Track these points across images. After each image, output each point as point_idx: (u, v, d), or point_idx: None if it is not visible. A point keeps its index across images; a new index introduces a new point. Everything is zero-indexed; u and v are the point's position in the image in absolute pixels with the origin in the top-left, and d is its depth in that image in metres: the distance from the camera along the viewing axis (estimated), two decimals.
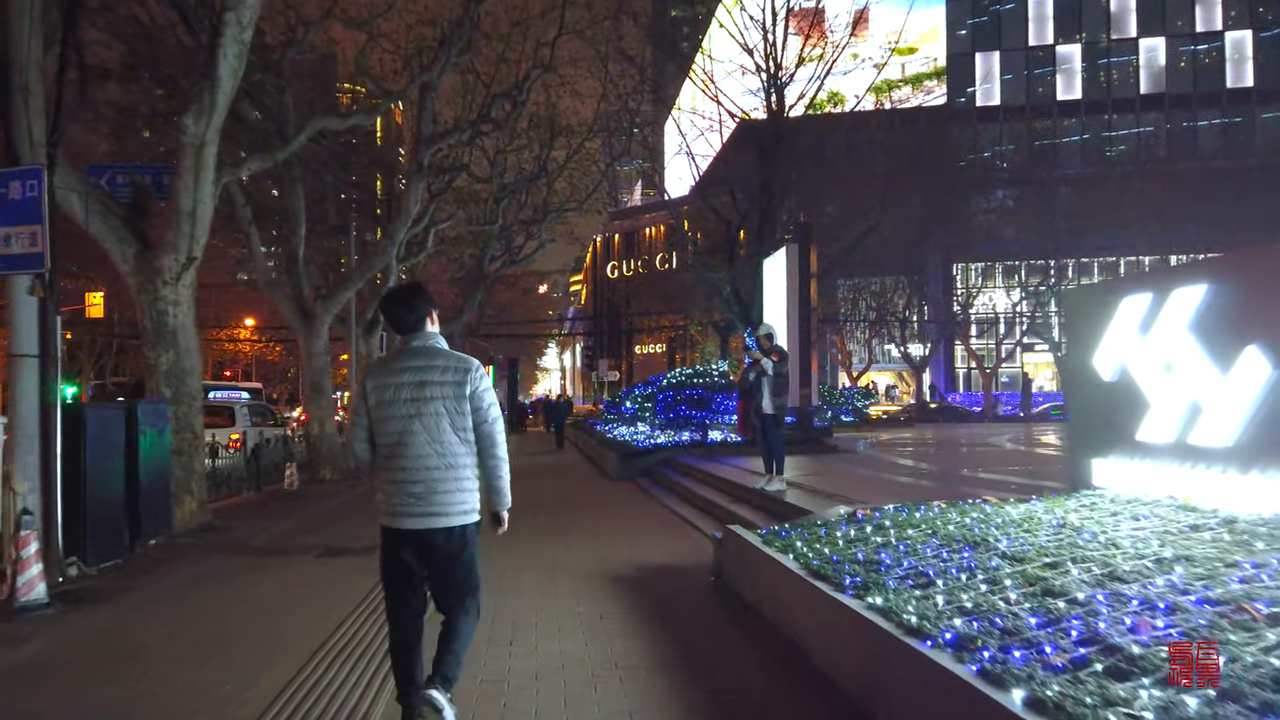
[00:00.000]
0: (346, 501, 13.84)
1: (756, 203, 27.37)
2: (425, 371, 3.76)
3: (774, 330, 9.93)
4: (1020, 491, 8.61)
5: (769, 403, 9.57)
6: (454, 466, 3.75)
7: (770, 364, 9.55)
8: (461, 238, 29.42)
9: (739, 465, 13.41)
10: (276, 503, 13.79)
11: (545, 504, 12.73)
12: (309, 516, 12.01)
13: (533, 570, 7.77)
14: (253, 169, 11.66)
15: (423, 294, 3.97)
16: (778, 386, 9.61)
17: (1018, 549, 4.88)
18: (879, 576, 4.77)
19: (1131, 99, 53.30)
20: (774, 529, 6.84)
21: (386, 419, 3.75)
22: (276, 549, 9.41)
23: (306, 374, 17.45)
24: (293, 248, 17.67)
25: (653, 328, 52.51)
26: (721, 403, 16.97)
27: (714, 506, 10.63)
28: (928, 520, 6.08)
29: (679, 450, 16.41)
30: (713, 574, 7.40)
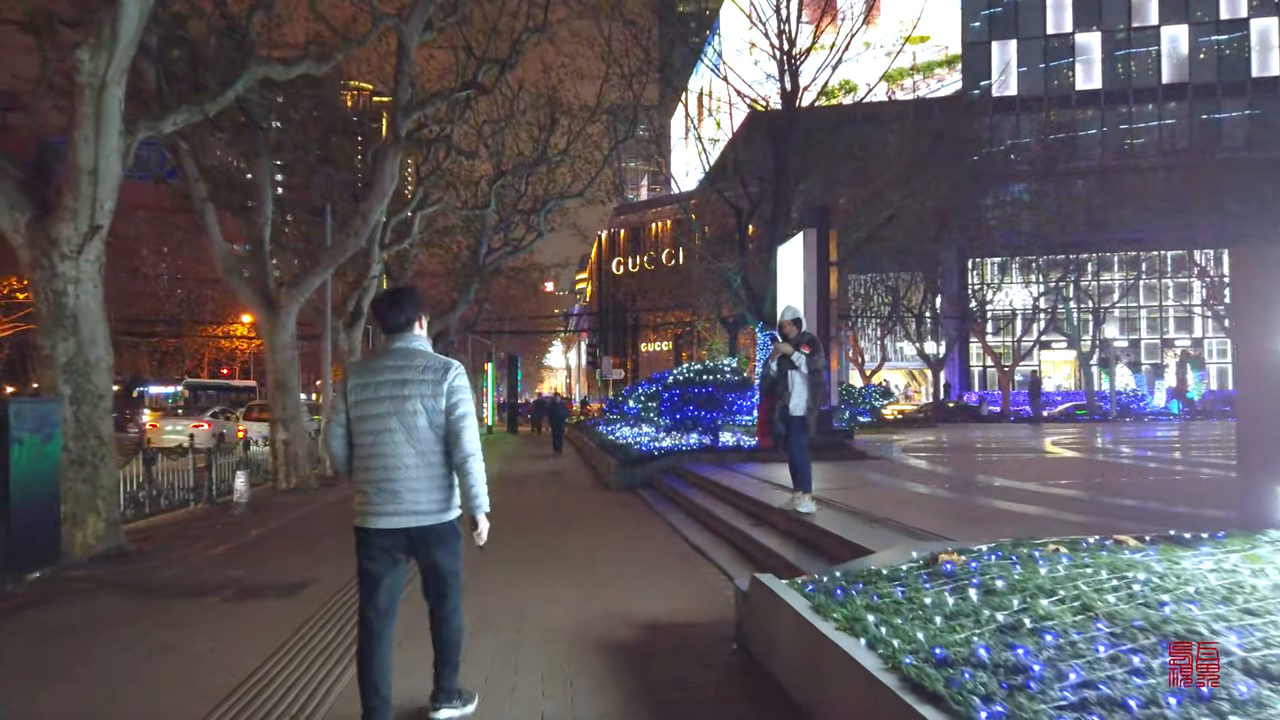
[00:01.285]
0: (301, 520, 11.83)
1: (769, 187, 25.32)
2: (405, 371, 3.80)
3: (801, 315, 7.89)
4: (1145, 521, 6.56)
5: (800, 403, 7.53)
6: (431, 465, 3.77)
7: (801, 356, 7.52)
8: (454, 226, 27.43)
9: (756, 475, 11.36)
10: (223, 519, 11.80)
11: (529, 523, 10.70)
12: (249, 540, 10.01)
13: (492, 628, 5.74)
14: (178, 123, 9.65)
15: (413, 297, 4.00)
16: (812, 385, 7.59)
17: (1266, 652, 2.85)
18: (1033, 705, 2.75)
19: (1153, 89, 51.10)
20: (821, 580, 4.78)
21: (366, 418, 3.78)
22: (182, 587, 7.40)
23: (269, 369, 15.48)
24: (258, 230, 15.67)
25: (659, 324, 50.39)
26: (734, 402, 14.95)
27: (730, 530, 8.59)
28: (1061, 580, 4.04)
29: (686, 456, 14.39)
30: (735, 640, 5.37)
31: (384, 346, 3.93)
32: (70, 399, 8.71)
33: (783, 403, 7.55)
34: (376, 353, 4.02)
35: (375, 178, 15.55)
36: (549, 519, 11.08)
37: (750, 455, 14.18)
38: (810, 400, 7.57)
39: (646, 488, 14.03)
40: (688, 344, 55.73)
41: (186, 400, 36.28)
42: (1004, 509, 7.81)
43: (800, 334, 7.71)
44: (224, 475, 14.14)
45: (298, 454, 15.51)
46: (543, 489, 14.75)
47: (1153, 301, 50.63)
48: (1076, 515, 7.20)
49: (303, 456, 15.67)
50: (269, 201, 15.72)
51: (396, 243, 20.96)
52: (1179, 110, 50.56)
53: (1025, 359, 45.27)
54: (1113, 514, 7.19)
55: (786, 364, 7.58)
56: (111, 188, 8.74)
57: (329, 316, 18.17)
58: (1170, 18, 50.95)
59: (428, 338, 4.04)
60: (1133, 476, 10.89)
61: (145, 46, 11.76)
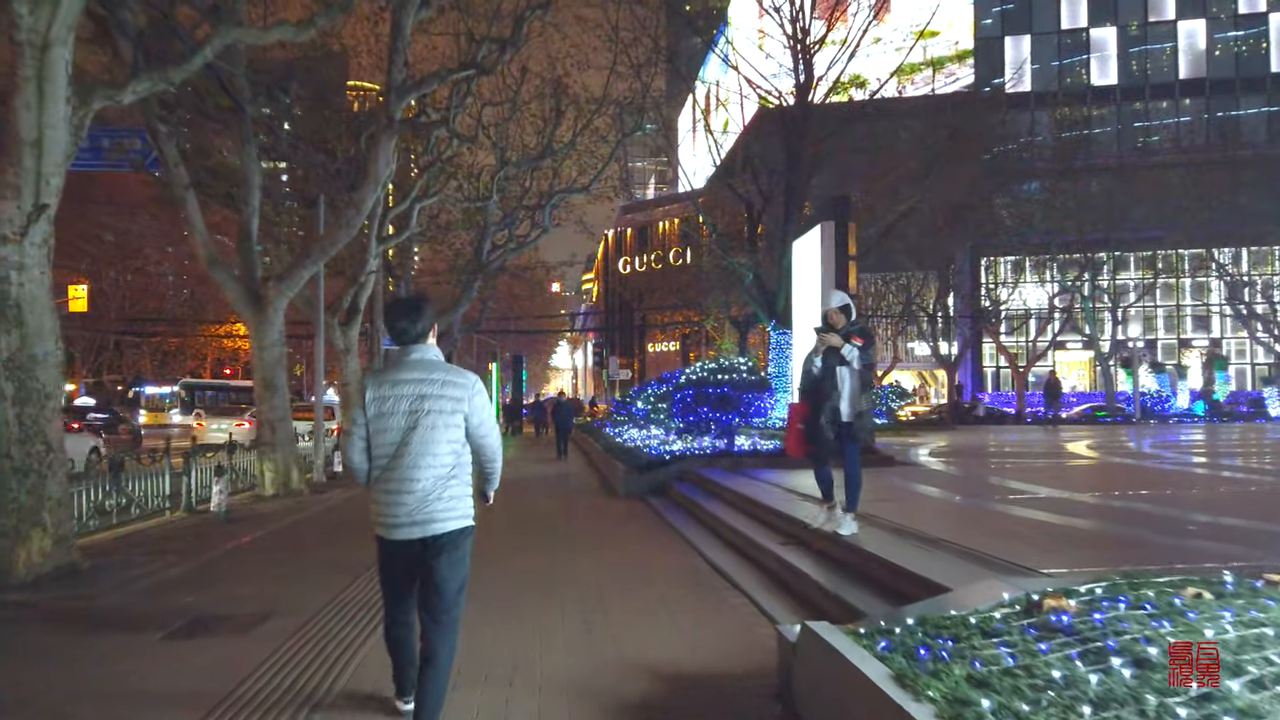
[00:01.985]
0: (283, 531, 10.78)
1: (782, 178, 24.25)
2: (425, 384, 3.80)
3: (850, 302, 6.82)
4: (1260, 545, 5.49)
5: (850, 406, 6.48)
6: (446, 477, 3.79)
7: (854, 350, 6.46)
8: (455, 222, 26.42)
9: (779, 484, 10.29)
10: (196, 531, 10.76)
11: (530, 538, 9.64)
12: (219, 554, 8.96)
13: (480, 682, 4.68)
14: (140, 92, 8.60)
15: (428, 306, 4.00)
16: (864, 383, 6.54)
17: None
18: None
19: (1170, 85, 49.87)
20: (895, 633, 3.71)
21: (384, 430, 3.79)
22: (126, 616, 6.36)
23: (256, 368, 14.45)
24: (245, 220, 14.65)
25: (666, 323, 49.28)
26: (751, 402, 13.88)
27: (757, 550, 7.52)
28: (1237, 646, 2.98)
29: (701, 461, 13.32)
30: (778, 697, 4.31)
31: (400, 357, 3.90)
32: (13, 399, 7.68)
33: (832, 405, 6.48)
34: (394, 363, 3.93)
35: (368, 165, 14.52)
36: (551, 532, 10.02)
37: (770, 460, 13.11)
38: (862, 402, 6.52)
39: (657, 495, 12.97)
40: (696, 344, 54.64)
41: (183, 401, 35.33)
42: (1079, 528, 6.71)
43: (850, 324, 6.64)
44: (207, 480, 13.12)
45: (286, 458, 14.48)
46: (546, 496, 13.69)
47: (1170, 301, 49.32)
48: (1169, 537, 6.11)
49: (292, 461, 14.64)
50: (256, 190, 14.68)
51: (395, 236, 19.93)
52: (1196, 106, 49.32)
53: (1040, 359, 44.08)
54: (1214, 535, 6.11)
55: (834, 359, 6.51)
56: (58, 162, 7.71)
57: (321, 313, 17.13)
58: (1187, 12, 49.74)
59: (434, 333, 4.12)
60: (1205, 489, 9.78)
61: (123, 24, 10.81)
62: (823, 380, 6.50)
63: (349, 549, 9.08)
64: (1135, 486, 9.85)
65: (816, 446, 6.58)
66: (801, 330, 21.61)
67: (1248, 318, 41.02)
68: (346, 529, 10.84)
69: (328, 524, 11.34)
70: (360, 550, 8.95)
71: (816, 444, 6.56)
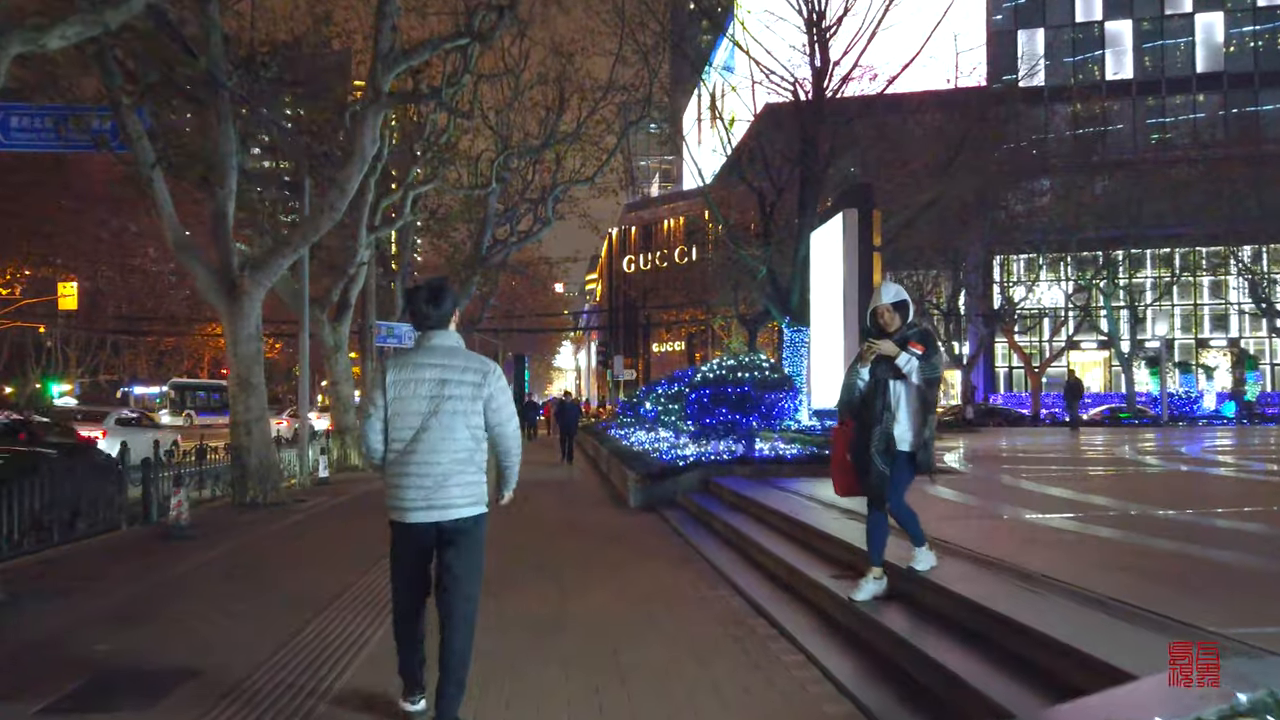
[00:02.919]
0: (247, 548, 9.40)
1: (797, 167, 22.87)
2: (447, 370, 3.80)
3: (907, 298, 5.35)
4: None
5: (909, 431, 5.04)
6: (463, 462, 3.79)
7: (912, 360, 4.96)
8: (454, 213, 25.06)
9: (814, 497, 8.91)
10: (147, 549, 9.40)
11: (528, 556, 8.25)
12: (155, 585, 7.57)
13: None
14: (70, 37, 7.25)
15: (450, 291, 4.00)
16: (927, 403, 5.07)
17: None
18: None
19: (1187, 78, 48.42)
20: None
21: (404, 414, 3.78)
22: (11, 672, 5.00)
23: (230, 364, 13.09)
24: (220, 203, 13.28)
25: (672, 322, 47.86)
26: (775, 403, 12.49)
27: (804, 583, 6.12)
28: None
29: (718, 468, 11.92)
30: None
31: (422, 341, 3.90)
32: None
33: (884, 430, 5.02)
34: (415, 347, 3.94)
35: (354, 142, 13.16)
36: (554, 552, 8.63)
37: (795, 468, 11.72)
38: (925, 426, 5.09)
39: (671, 506, 11.59)
40: (701, 344, 53.25)
41: (172, 401, 33.97)
42: (1216, 561, 5.29)
43: (908, 326, 5.19)
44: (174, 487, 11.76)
45: (264, 463, 13.11)
46: (549, 506, 12.29)
47: (1187, 300, 47.78)
48: None
49: (271, 466, 13.28)
50: (232, 171, 13.32)
51: (387, 225, 18.56)
52: (1214, 101, 47.86)
53: (1056, 359, 42.66)
54: None
55: (886, 371, 5.04)
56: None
57: (305, 306, 15.77)
58: (1205, 4, 48.31)
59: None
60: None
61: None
62: (872, 398, 5.06)
63: (321, 570, 7.74)
64: (1227, 502, 8.46)
65: (870, 484, 5.08)
66: (821, 327, 20.23)
67: (1270, 316, 39.56)
68: (324, 546, 9.49)
69: (304, 539, 9.98)
70: (335, 572, 7.61)
71: (869, 480, 5.09)
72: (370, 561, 8.03)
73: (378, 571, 7.62)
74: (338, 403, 18.78)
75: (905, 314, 5.18)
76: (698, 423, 12.91)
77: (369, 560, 8.12)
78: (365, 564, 7.93)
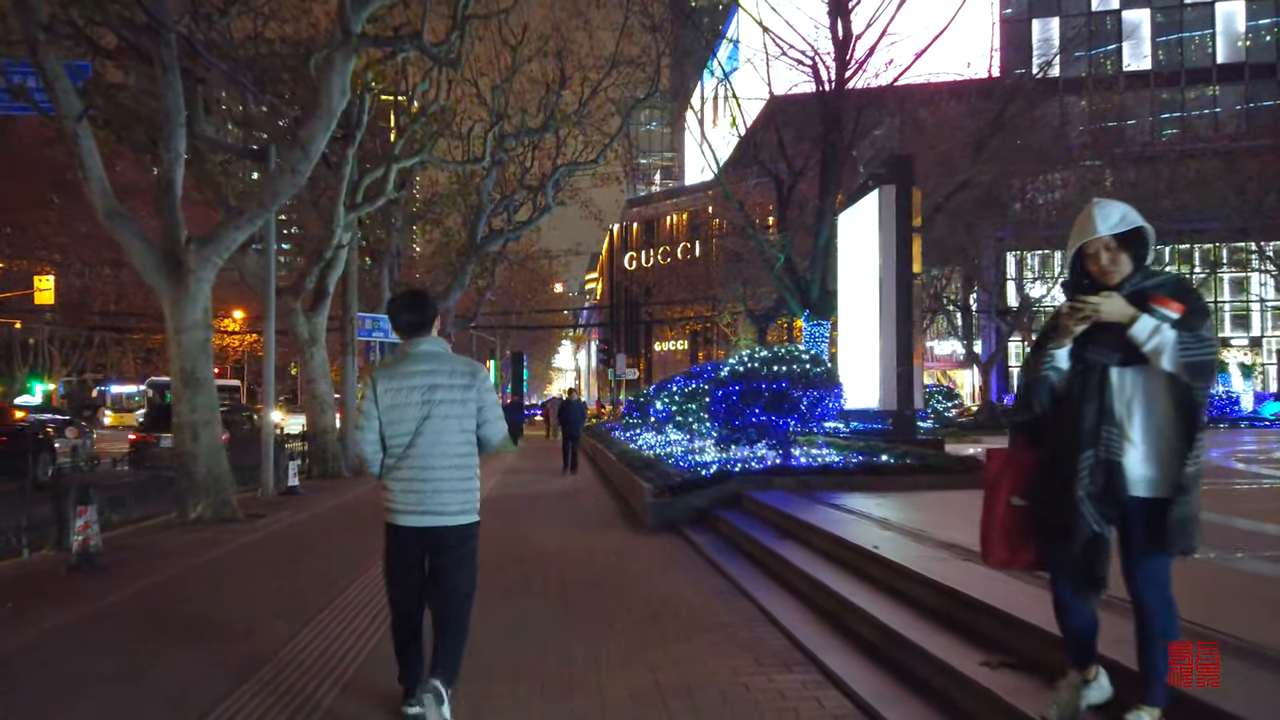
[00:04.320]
0: (156, 594, 7.27)
1: (821, 144, 20.80)
2: (435, 375, 3.82)
3: (1142, 222, 3.18)
4: None
5: (1161, 461, 2.87)
6: (459, 467, 3.81)
7: (1163, 331, 2.80)
8: (445, 194, 22.95)
9: (885, 521, 6.82)
10: (41, 586, 7.29)
11: (522, 612, 6.12)
12: (21, 645, 5.49)
13: None
14: None
15: (430, 299, 4.06)
16: (1191, 409, 2.83)
17: None
18: None
19: (1207, 69, 46.37)
20: None
21: (398, 421, 3.80)
22: None
23: (173, 356, 10.97)
24: (165, 169, 11.15)
25: (677, 319, 45.65)
26: (816, 402, 10.38)
27: (931, 665, 4.02)
28: None
29: (752, 480, 9.78)
30: None
31: (409, 349, 3.93)
32: None
33: (1102, 457, 2.88)
34: (400, 355, 3.96)
35: (319, 94, 11.06)
36: (557, 603, 6.43)
37: (845, 480, 9.59)
38: (1190, 454, 2.85)
39: (698, 525, 9.48)
40: (706, 342, 51.14)
41: (150, 401, 31.82)
42: None
43: (1144, 273, 3.09)
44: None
45: (213, 473, 10.99)
46: (549, 528, 10.12)
47: (1208, 298, 45.58)
48: None
49: (222, 476, 11.15)
50: (180, 131, 11.18)
51: (368, 204, 16.44)
52: (1236, 92, 45.82)
53: None
54: None
55: (1106, 352, 2.93)
56: None
57: (271, 291, 13.63)
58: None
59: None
60: None
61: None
62: (1077, 401, 2.96)
63: (256, 622, 5.67)
64: None
65: (1072, 554, 2.95)
66: (850, 318, 18.12)
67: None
68: (269, 579, 7.37)
69: (246, 572, 7.86)
70: (274, 625, 5.54)
71: (1070, 548, 2.96)
72: (323, 601, 5.98)
73: (335, 622, 5.58)
74: (314, 402, 16.66)
75: (1141, 252, 3.05)
76: (726, 425, 10.78)
77: (320, 602, 6.06)
78: (316, 610, 5.89)
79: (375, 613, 5.86)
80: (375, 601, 6.15)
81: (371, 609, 6.01)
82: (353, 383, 18.40)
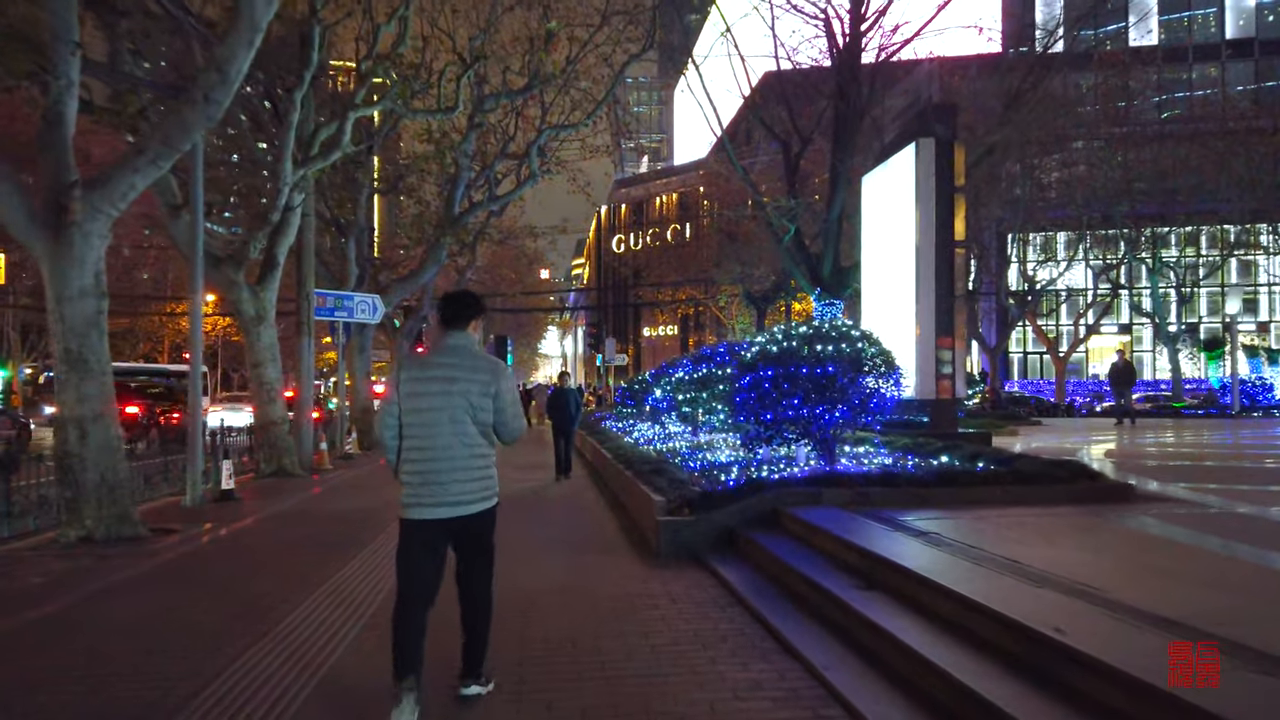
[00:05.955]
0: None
1: (836, 100, 18.45)
2: (456, 369, 3.83)
3: None
4: None
5: None
6: (475, 457, 3.81)
7: None
8: (419, 158, 20.49)
9: (1020, 566, 4.46)
10: None
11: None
12: None
13: None
14: None
15: (469, 299, 4.07)
16: None
17: None
18: None
19: (1215, 45, 44.25)
20: None
21: (416, 410, 3.79)
22: None
23: (54, 332, 8.53)
24: (52, 99, 8.72)
25: (669, 302, 43.21)
26: (869, 391, 8.06)
27: None
28: None
29: (793, 493, 7.39)
30: None
31: (439, 342, 3.96)
32: None
33: None
34: (432, 348, 4.02)
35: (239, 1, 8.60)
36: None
37: (916, 492, 7.26)
38: None
39: (726, 554, 7.13)
40: (698, 327, 48.81)
41: None
42: None
43: None
44: None
45: (105, 480, 8.57)
46: (531, 555, 7.71)
47: (1214, 282, 43.55)
48: None
49: (119, 486, 8.72)
50: (70, 54, 8.76)
51: (321, 158, 13.95)
52: (1245, 69, 43.73)
53: (1084, 341, 38.48)
54: None
55: None
56: None
57: (198, 256, 11.15)
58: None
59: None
60: None
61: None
62: None
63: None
64: None
65: None
66: (877, 292, 15.71)
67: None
68: (108, 652, 4.93)
69: (91, 636, 5.46)
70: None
71: None
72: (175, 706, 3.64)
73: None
74: (261, 389, 14.19)
75: None
76: (755, 419, 8.42)
77: (192, 686, 3.71)
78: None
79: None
80: (264, 694, 3.80)
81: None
82: (308, 367, 15.97)
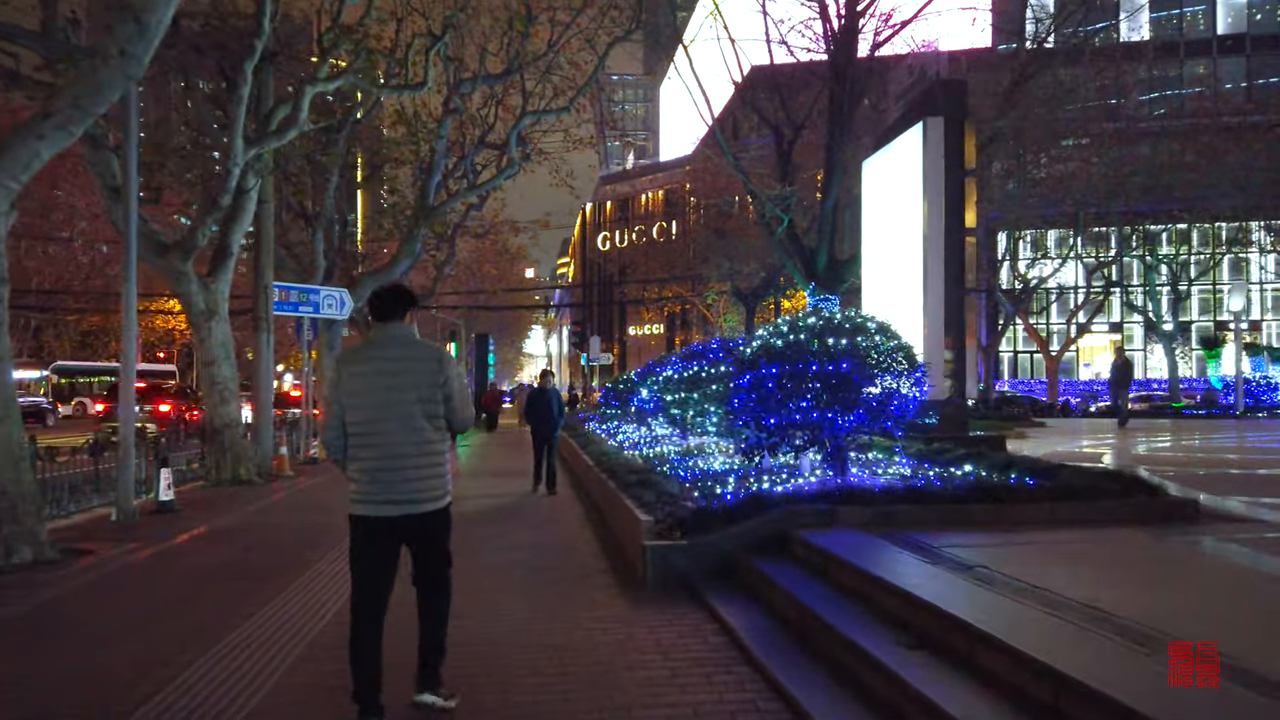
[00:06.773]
0: None
1: (831, 84, 17.38)
2: (400, 360, 3.65)
3: None
4: None
5: None
6: (427, 453, 3.63)
7: None
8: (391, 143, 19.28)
9: (1099, 612, 3.34)
10: None
11: None
12: None
13: None
14: None
15: (403, 292, 3.90)
16: None
17: None
18: None
19: (1207, 40, 43.55)
20: None
21: (359, 406, 3.61)
22: None
23: None
24: None
25: (655, 299, 42.00)
26: (888, 394, 6.95)
27: None
28: None
29: (803, 513, 6.24)
30: None
31: (377, 334, 3.76)
32: None
33: None
34: (367, 340, 3.82)
35: None
36: None
37: (947, 510, 6.17)
38: None
39: (728, 587, 5.98)
40: (684, 326, 47.73)
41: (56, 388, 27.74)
42: None
43: None
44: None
45: (6, 492, 7.34)
46: (490, 599, 6.52)
47: (1205, 280, 42.73)
48: None
49: (21, 497, 7.49)
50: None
51: (276, 137, 12.72)
52: (1236, 64, 43.05)
53: (1078, 340, 37.63)
54: None
55: None
56: None
57: (132, 241, 9.91)
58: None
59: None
60: None
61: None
62: None
63: None
64: None
65: None
66: (879, 283, 14.58)
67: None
68: None
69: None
70: None
71: None
72: None
73: None
74: (213, 389, 12.92)
75: None
76: (757, 424, 7.29)
77: None
78: None
79: None
80: None
81: None
82: (267, 366, 14.73)
